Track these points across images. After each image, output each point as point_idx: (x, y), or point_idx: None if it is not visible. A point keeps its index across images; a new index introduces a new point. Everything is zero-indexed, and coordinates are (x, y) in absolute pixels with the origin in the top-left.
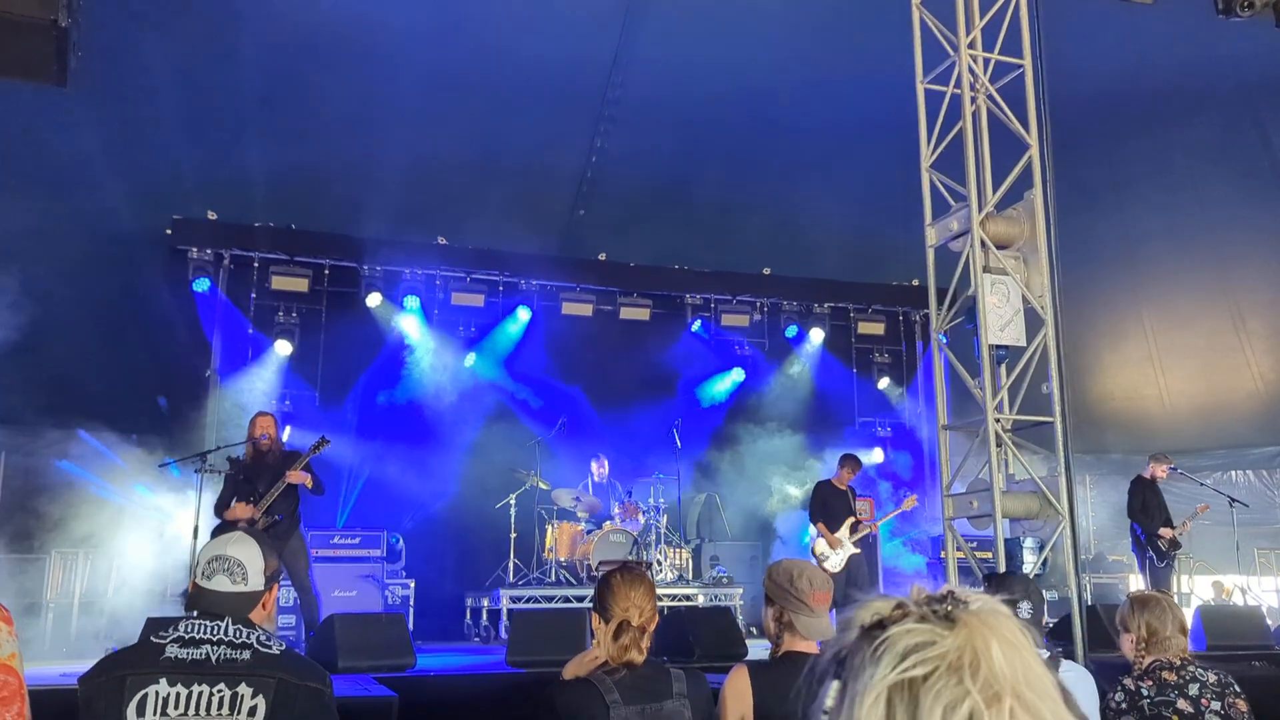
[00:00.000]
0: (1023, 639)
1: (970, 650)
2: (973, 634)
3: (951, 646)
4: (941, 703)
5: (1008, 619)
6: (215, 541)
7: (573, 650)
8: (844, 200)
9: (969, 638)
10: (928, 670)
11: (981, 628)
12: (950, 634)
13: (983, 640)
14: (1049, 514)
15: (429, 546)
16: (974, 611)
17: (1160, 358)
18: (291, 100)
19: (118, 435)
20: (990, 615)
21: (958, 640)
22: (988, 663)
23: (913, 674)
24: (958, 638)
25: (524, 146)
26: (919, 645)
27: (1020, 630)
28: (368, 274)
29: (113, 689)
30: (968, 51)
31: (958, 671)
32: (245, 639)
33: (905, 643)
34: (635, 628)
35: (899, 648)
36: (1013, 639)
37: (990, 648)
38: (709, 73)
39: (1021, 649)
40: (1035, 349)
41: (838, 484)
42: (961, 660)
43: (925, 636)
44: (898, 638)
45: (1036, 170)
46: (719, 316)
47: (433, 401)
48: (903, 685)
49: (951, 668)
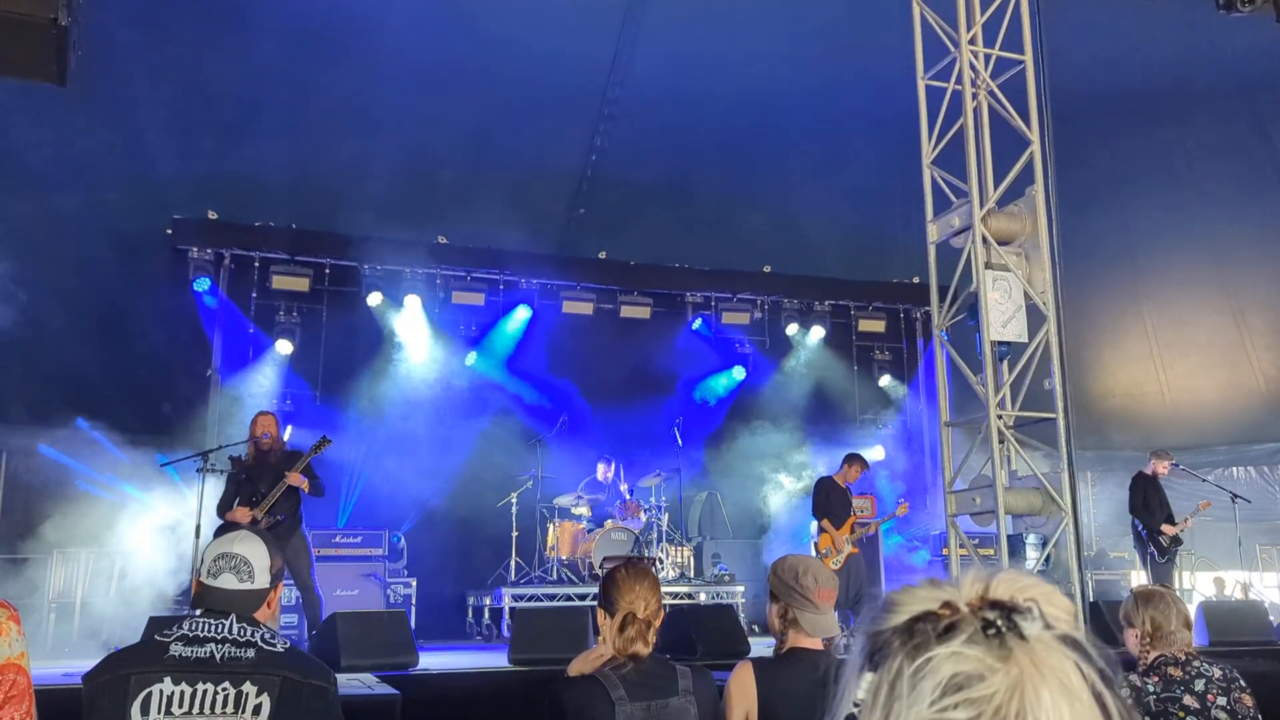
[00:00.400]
0: (1081, 684)
1: (1020, 697)
2: (1024, 675)
3: (1001, 689)
4: None
5: (1067, 656)
6: (221, 539)
7: (575, 648)
8: (844, 197)
9: (1020, 679)
10: (969, 715)
11: (1034, 672)
12: (1002, 669)
13: (1033, 686)
14: (1052, 510)
15: (430, 545)
16: (1031, 644)
17: (1161, 354)
18: (292, 99)
19: (119, 435)
20: (1048, 651)
21: (1008, 680)
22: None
23: (952, 716)
24: (1009, 675)
25: (524, 145)
26: (965, 680)
27: (1079, 672)
28: (368, 273)
29: (117, 687)
30: (968, 47)
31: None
32: (249, 637)
33: (949, 671)
34: (641, 620)
35: (942, 676)
36: (1071, 684)
37: (1041, 698)
38: (709, 70)
39: (1076, 698)
40: (1037, 345)
41: (840, 481)
42: (1006, 710)
43: (974, 667)
44: (941, 663)
45: (1038, 166)
46: (719, 314)
47: (433, 400)
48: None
49: (997, 714)
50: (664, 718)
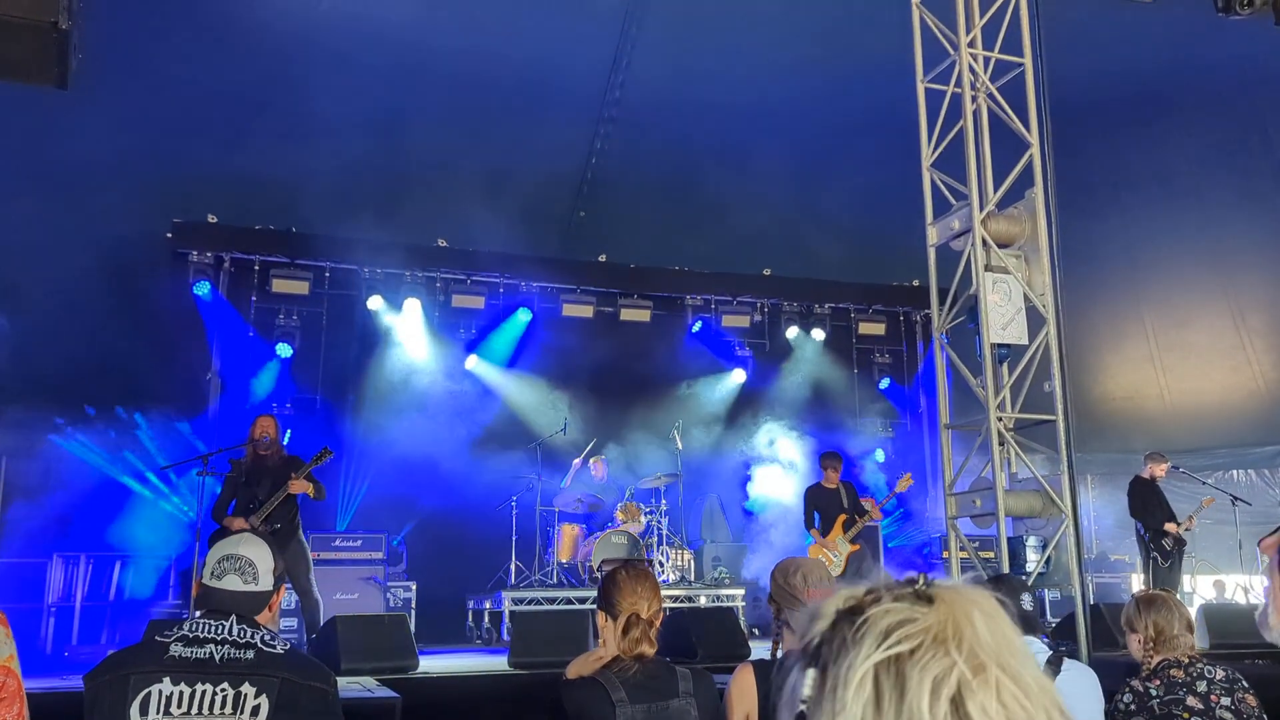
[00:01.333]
0: (999, 610)
1: (953, 622)
2: (953, 607)
3: (934, 620)
4: (930, 675)
5: (983, 593)
6: (226, 541)
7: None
8: (844, 200)
9: (950, 610)
10: (913, 645)
11: (961, 600)
12: (930, 609)
13: (964, 612)
14: (1052, 512)
15: (430, 549)
16: (950, 588)
17: (1161, 356)
18: (292, 102)
19: (118, 438)
20: (967, 590)
21: (939, 614)
22: (971, 633)
23: (898, 650)
24: (939, 612)
25: (524, 148)
26: (901, 622)
27: (996, 602)
28: (368, 276)
29: (117, 687)
30: (968, 50)
31: (943, 644)
32: (249, 638)
33: (886, 621)
34: (644, 621)
35: (880, 626)
36: (991, 610)
37: (973, 618)
38: (708, 73)
39: (1000, 619)
40: (1037, 348)
41: (826, 484)
42: (945, 632)
43: (906, 614)
44: (877, 618)
45: (1037, 169)
46: (719, 317)
47: (433, 403)
48: (888, 663)
49: (936, 640)
50: (664, 719)
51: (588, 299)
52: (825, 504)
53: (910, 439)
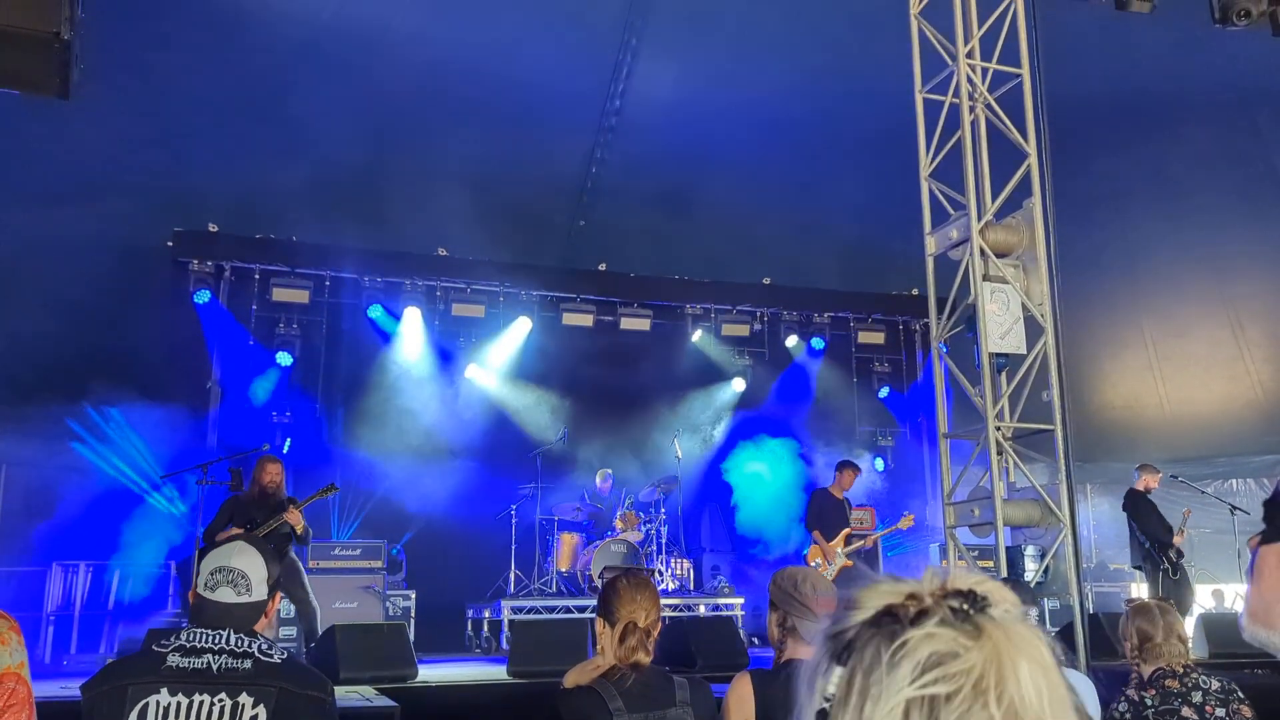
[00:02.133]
0: (1049, 659)
1: (996, 670)
2: (1000, 651)
3: (977, 662)
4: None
5: (1035, 635)
6: (218, 552)
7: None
8: (844, 210)
9: (995, 654)
10: (951, 689)
11: (1009, 645)
12: (975, 646)
13: (1010, 660)
14: (1050, 522)
15: (430, 558)
16: (1000, 622)
17: (1160, 366)
18: (292, 112)
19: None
20: (1017, 630)
21: (984, 654)
22: (1015, 687)
23: (934, 691)
24: (983, 651)
25: (524, 157)
26: (942, 658)
27: (1047, 647)
28: (368, 285)
29: (114, 697)
30: (966, 61)
31: (983, 694)
32: (246, 648)
33: (927, 650)
34: (641, 629)
35: (920, 656)
36: (1041, 659)
37: (1019, 670)
38: (708, 82)
39: (1050, 671)
40: (1035, 357)
41: (835, 492)
42: (987, 681)
43: (948, 646)
44: (918, 644)
45: (1035, 179)
46: (719, 326)
47: (433, 413)
48: (922, 702)
49: (976, 689)
50: None
51: (587, 308)
52: (832, 512)
53: (909, 448)
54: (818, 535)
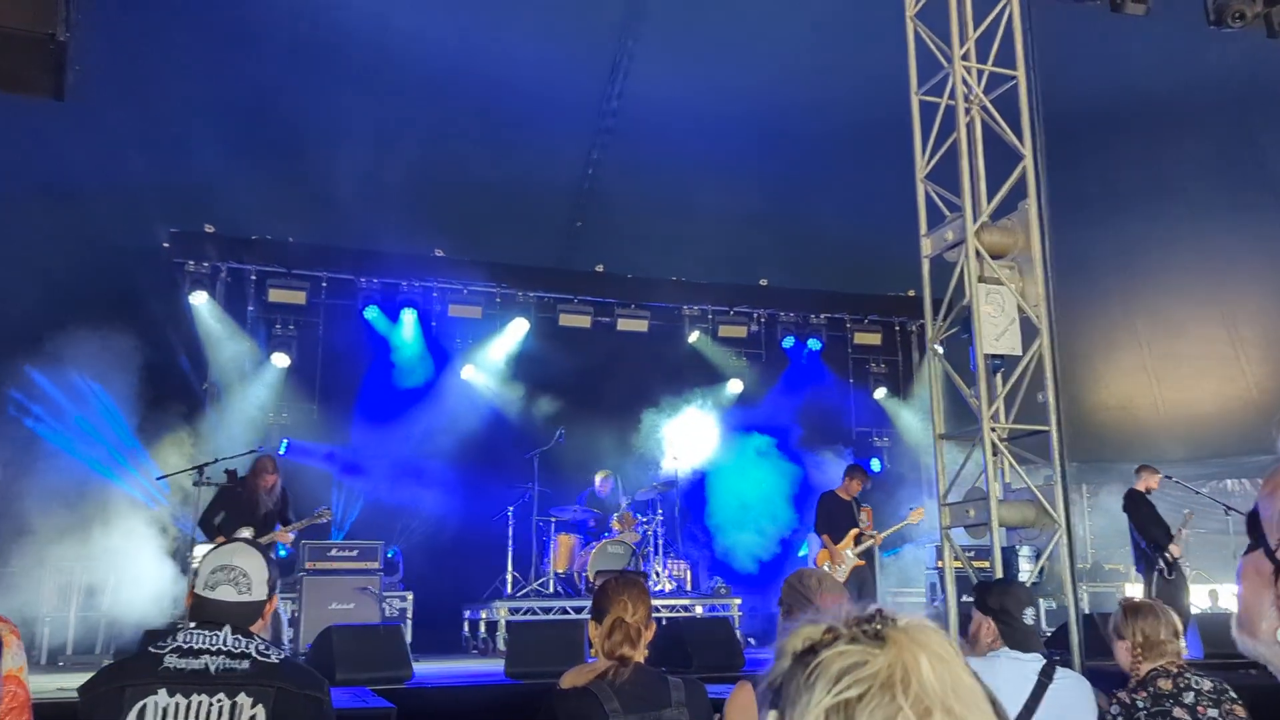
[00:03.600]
0: (951, 651)
1: (901, 667)
2: (902, 650)
3: (883, 664)
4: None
5: (935, 633)
6: (219, 551)
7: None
8: (840, 211)
9: (899, 654)
10: (861, 690)
11: (910, 644)
12: (881, 652)
13: (912, 656)
14: (1045, 523)
15: (426, 559)
16: (902, 628)
17: (1154, 367)
18: (290, 114)
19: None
20: (918, 631)
21: (888, 658)
22: (918, 678)
23: (847, 695)
24: (888, 655)
25: (521, 158)
26: (851, 666)
27: (948, 643)
28: (365, 286)
29: (112, 699)
30: (961, 63)
31: (890, 689)
32: (244, 648)
33: (838, 665)
34: (630, 625)
35: (832, 671)
36: (941, 652)
37: (920, 663)
38: (705, 84)
39: (950, 662)
40: (1030, 358)
41: (842, 495)
42: (893, 677)
43: (857, 657)
44: (830, 661)
45: (1030, 180)
46: (716, 328)
47: (430, 413)
48: (838, 708)
49: (884, 685)
50: None
51: (585, 309)
52: (839, 514)
53: (905, 449)
54: (826, 539)
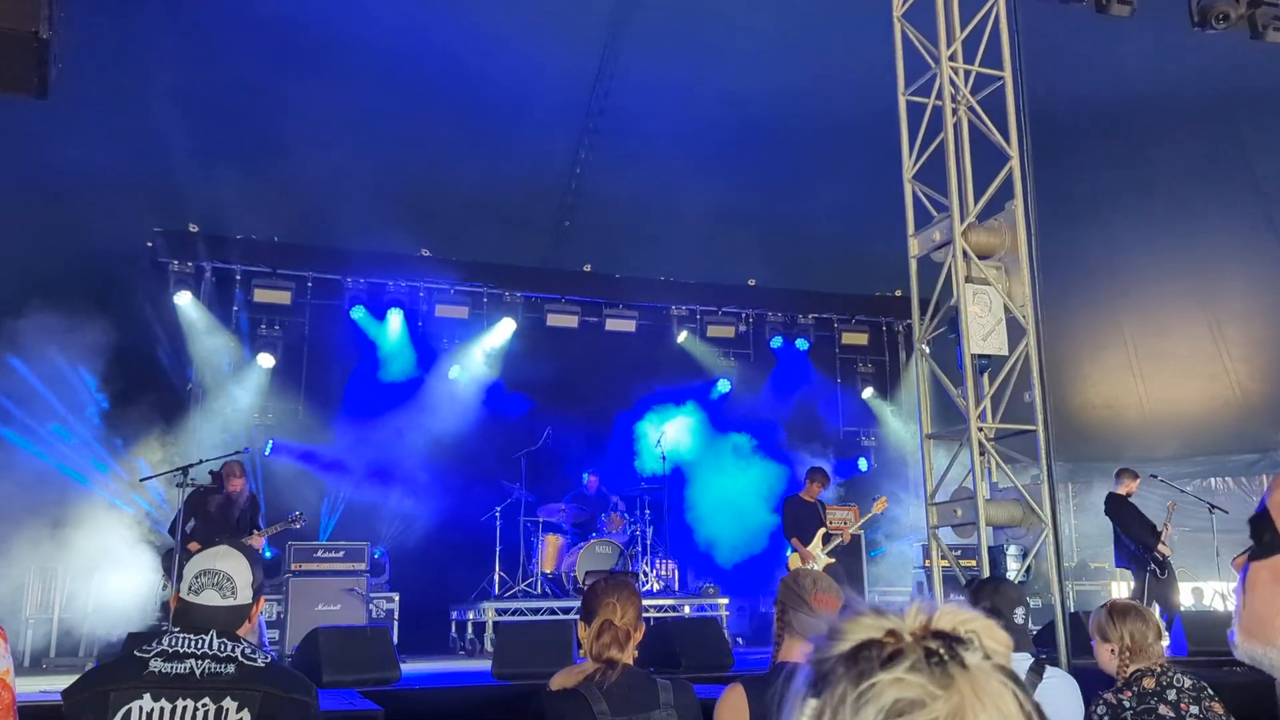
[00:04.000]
0: (1015, 712)
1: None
2: (964, 703)
3: (941, 714)
4: None
5: (1007, 687)
6: (203, 555)
7: (559, 663)
8: (829, 212)
9: (960, 708)
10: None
11: (974, 695)
12: (943, 696)
13: (972, 711)
14: (1032, 521)
15: (413, 560)
16: (972, 672)
17: (1140, 366)
18: (274, 113)
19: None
20: (987, 680)
21: (950, 706)
22: None
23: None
24: (950, 702)
25: (508, 157)
26: (908, 706)
27: (1018, 702)
28: (351, 286)
29: (96, 704)
30: (948, 64)
31: None
32: (230, 652)
33: (894, 695)
34: (618, 627)
35: (886, 701)
36: (1004, 711)
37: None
38: (693, 84)
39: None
40: (1017, 358)
41: (806, 497)
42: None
43: (916, 694)
44: (884, 688)
45: (1017, 181)
46: (704, 328)
47: (417, 414)
48: None
49: None
50: None
51: (572, 309)
52: (805, 517)
53: (892, 448)
54: (796, 542)
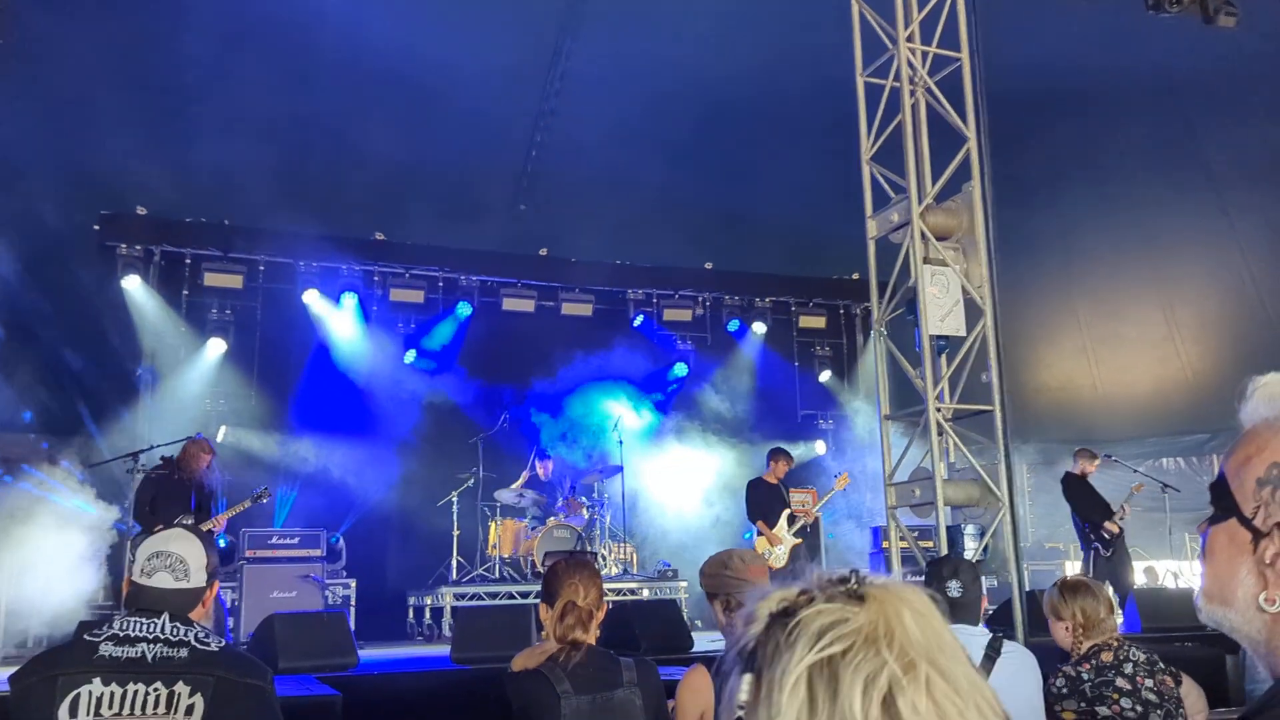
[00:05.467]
0: (931, 607)
1: (884, 621)
2: (884, 606)
3: (864, 620)
4: (861, 675)
5: (914, 590)
6: (156, 537)
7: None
8: (785, 194)
9: (881, 610)
10: (845, 646)
11: (891, 599)
12: (861, 609)
13: (894, 611)
14: (989, 501)
15: (370, 546)
16: (881, 585)
17: (1093, 348)
18: (225, 93)
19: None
20: (898, 587)
21: (870, 614)
22: (902, 632)
23: (830, 651)
24: (869, 611)
25: (463, 141)
26: (833, 624)
27: (928, 600)
28: (304, 270)
29: (44, 689)
30: (906, 45)
31: (874, 643)
32: (182, 636)
33: (819, 623)
34: (581, 608)
35: (813, 628)
36: (922, 608)
37: (902, 617)
38: (649, 66)
39: (931, 617)
40: (974, 339)
41: (770, 479)
42: (877, 632)
43: (838, 615)
44: (810, 619)
45: (974, 162)
46: (661, 312)
47: (372, 399)
48: (821, 665)
49: (868, 640)
50: (609, 709)
51: (529, 293)
52: (768, 499)
53: (850, 431)
54: (761, 525)
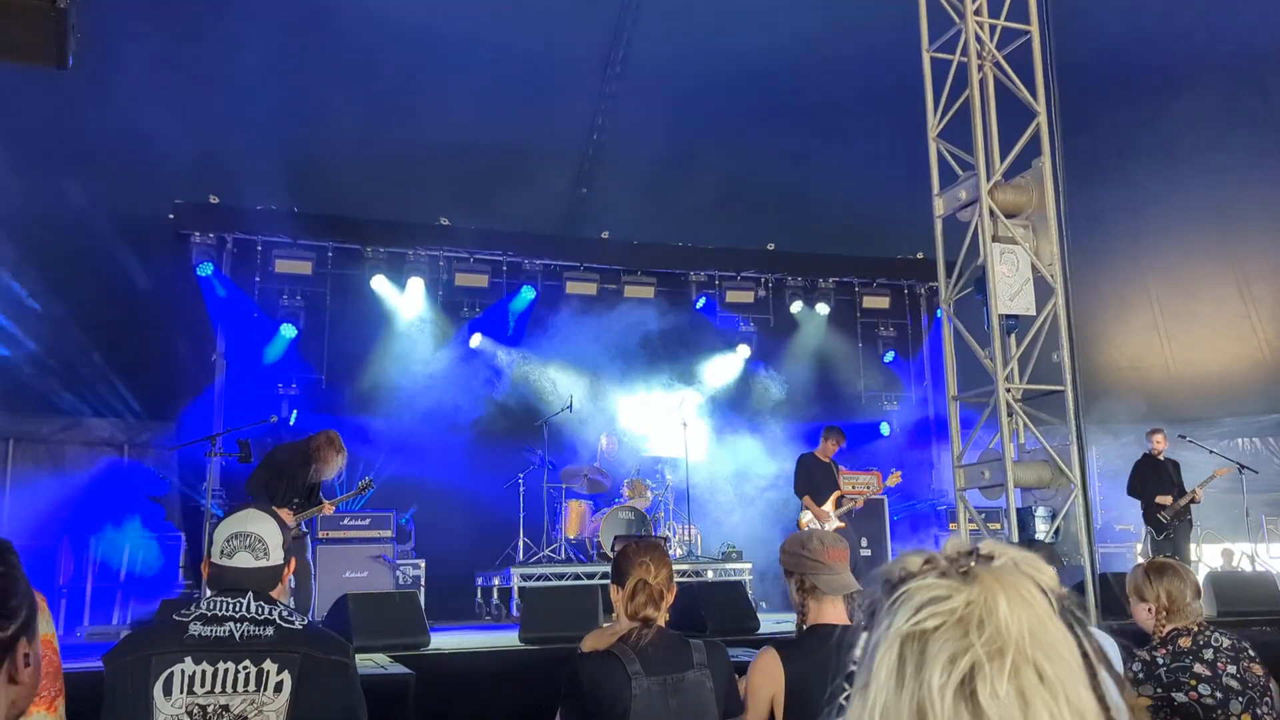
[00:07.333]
0: (1038, 597)
1: (980, 605)
2: (985, 590)
3: (962, 601)
4: (945, 653)
5: (1025, 578)
6: (232, 518)
7: (585, 627)
8: (849, 173)
9: (981, 593)
10: (938, 623)
11: (994, 584)
12: (965, 589)
13: (993, 596)
14: (1060, 483)
15: (438, 527)
16: (993, 568)
17: (1166, 326)
18: (294, 81)
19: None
20: (1007, 572)
21: (969, 595)
22: (994, 619)
23: (924, 625)
24: (970, 592)
25: (525, 124)
26: (933, 599)
27: (1037, 589)
28: (371, 256)
29: (138, 668)
30: (974, 19)
31: (964, 625)
32: (268, 614)
33: (921, 596)
34: (652, 586)
35: (915, 601)
36: (1025, 596)
37: (999, 604)
38: (711, 46)
39: (1034, 606)
40: (1044, 318)
41: (821, 456)
42: (970, 615)
43: (941, 591)
44: (915, 591)
45: (1044, 138)
46: (723, 293)
47: (438, 382)
48: (914, 636)
49: (960, 621)
50: (680, 691)
51: (591, 276)
52: (819, 476)
53: (915, 412)
54: (808, 500)
